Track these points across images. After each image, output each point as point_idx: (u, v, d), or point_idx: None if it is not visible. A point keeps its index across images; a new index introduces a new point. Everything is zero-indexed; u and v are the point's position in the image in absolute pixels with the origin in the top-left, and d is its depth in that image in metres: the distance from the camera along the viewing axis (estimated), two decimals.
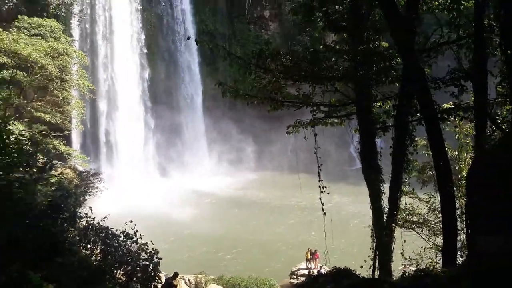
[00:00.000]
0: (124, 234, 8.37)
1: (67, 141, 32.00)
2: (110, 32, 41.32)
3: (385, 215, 10.02)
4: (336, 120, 11.46)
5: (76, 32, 39.54)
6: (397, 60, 10.10)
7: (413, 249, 11.89)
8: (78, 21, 39.85)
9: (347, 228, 28.41)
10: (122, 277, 7.82)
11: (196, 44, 11.22)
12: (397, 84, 10.14)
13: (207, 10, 48.92)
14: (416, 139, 9.92)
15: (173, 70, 46.96)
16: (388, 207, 9.93)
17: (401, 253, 10.51)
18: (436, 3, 10.25)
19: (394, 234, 9.88)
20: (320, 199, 9.45)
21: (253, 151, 48.15)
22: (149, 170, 42.02)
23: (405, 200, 10.51)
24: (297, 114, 11.09)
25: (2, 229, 6.65)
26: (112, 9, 41.44)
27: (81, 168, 30.71)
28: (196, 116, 48.08)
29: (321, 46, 11.44)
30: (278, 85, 10.70)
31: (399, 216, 10.32)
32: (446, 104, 9.54)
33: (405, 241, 10.50)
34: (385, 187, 10.09)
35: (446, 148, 8.50)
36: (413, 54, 8.52)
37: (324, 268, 21.38)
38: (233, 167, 45.87)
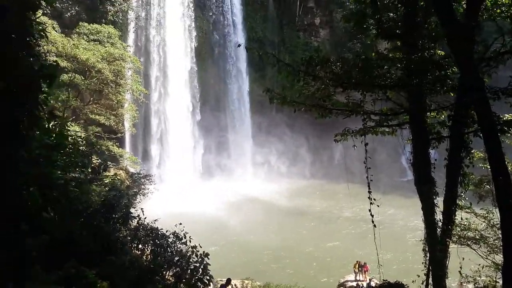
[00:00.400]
0: (174, 235, 8.54)
1: (120, 143, 33.24)
2: (164, 76, 42.23)
3: (439, 230, 9.61)
4: (387, 130, 11.13)
5: (131, 38, 41.05)
6: (454, 69, 9.70)
7: (469, 266, 11.30)
8: (133, 27, 41.45)
9: (399, 242, 27.50)
10: (171, 278, 7.97)
11: (246, 51, 11.33)
12: (453, 94, 9.74)
13: (258, 17, 49.44)
14: (472, 151, 9.45)
15: (223, 96, 47.81)
16: (442, 221, 9.53)
17: (459, 271, 10.02)
18: (498, 11, 9.77)
19: (449, 250, 9.45)
20: (369, 210, 9.19)
21: (302, 158, 47.88)
22: (197, 175, 42.64)
23: (460, 215, 10.04)
24: (348, 122, 10.87)
25: (59, 226, 6.98)
26: (166, 45, 42.30)
27: (132, 170, 31.73)
28: (243, 123, 48.47)
29: (373, 54, 11.20)
30: (327, 92, 10.54)
31: (454, 231, 9.87)
32: (507, 115, 9.02)
33: (463, 258, 10.01)
34: (439, 200, 9.69)
35: (506, 162, 8.03)
36: (471, 63, 8.14)
37: (373, 281, 20.81)
38: (281, 173, 45.87)
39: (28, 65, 6.01)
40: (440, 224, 9.47)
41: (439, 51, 10.70)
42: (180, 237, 8.35)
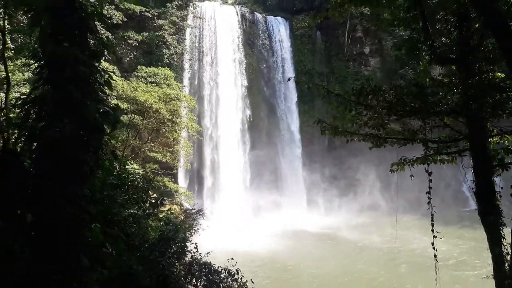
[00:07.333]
0: (226, 271, 8.51)
1: (175, 178, 34.13)
2: (216, 114, 43.12)
3: (507, 263, 8.88)
4: (446, 157, 10.65)
5: (186, 78, 42.80)
6: None
7: None
8: (188, 68, 43.28)
9: (463, 278, 25.65)
10: None
11: (296, 84, 11.48)
12: None
13: (306, 51, 50.09)
14: None
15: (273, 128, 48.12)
16: (510, 254, 8.81)
17: None
18: None
19: None
20: (432, 244, 8.76)
21: (351, 190, 46.63)
22: (247, 209, 42.47)
23: None
24: (403, 150, 10.53)
25: (117, 261, 7.19)
26: (218, 82, 43.37)
27: (186, 205, 32.33)
28: (293, 157, 48.19)
29: (427, 80, 10.91)
30: (381, 121, 10.34)
31: None
32: None
33: None
34: (507, 232, 8.99)
35: None
36: None
37: None
38: (331, 206, 44.79)
39: (93, 109, 6.43)
40: (508, 257, 8.75)
41: (499, 73, 10.20)
42: (232, 273, 8.31)
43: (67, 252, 6.04)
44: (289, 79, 13.70)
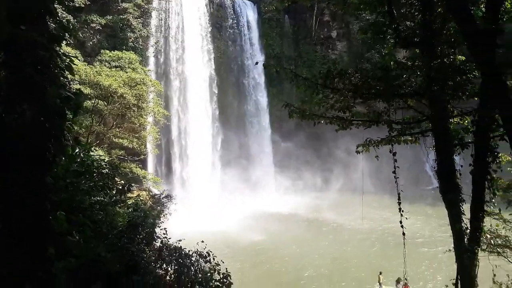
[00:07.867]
0: (198, 253, 8.53)
1: (143, 164, 33.64)
2: (184, 97, 42.65)
3: (466, 238, 9.34)
4: (410, 138, 10.98)
5: (151, 62, 41.85)
6: (475, 73, 9.52)
7: (503, 274, 10.82)
8: (153, 52, 42.30)
9: (427, 253, 26.80)
10: None
11: (264, 68, 11.46)
12: (476, 99, 9.53)
13: (274, 35, 49.98)
14: (499, 155, 9.18)
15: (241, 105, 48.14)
16: (469, 228, 9.26)
17: (493, 279, 9.67)
18: None
19: (478, 258, 9.13)
20: (400, 222, 9.12)
21: (321, 171, 47.43)
22: (217, 191, 42.50)
23: (490, 222, 9.72)
24: (357, 133, 10.79)
25: (84, 249, 7.07)
26: (185, 66, 42.76)
27: (155, 191, 32.01)
28: (263, 138, 48.50)
29: (391, 63, 11.12)
30: (347, 104, 10.49)
31: (482, 239, 9.54)
32: None
33: (496, 266, 9.66)
34: (466, 208, 9.42)
35: None
36: (493, 68, 7.96)
37: None
38: (301, 187, 45.46)
39: (54, 95, 6.21)
40: (468, 231, 9.21)
41: (459, 56, 10.51)
42: (204, 254, 8.36)
43: (31, 241, 5.88)
44: (256, 63, 13.58)
